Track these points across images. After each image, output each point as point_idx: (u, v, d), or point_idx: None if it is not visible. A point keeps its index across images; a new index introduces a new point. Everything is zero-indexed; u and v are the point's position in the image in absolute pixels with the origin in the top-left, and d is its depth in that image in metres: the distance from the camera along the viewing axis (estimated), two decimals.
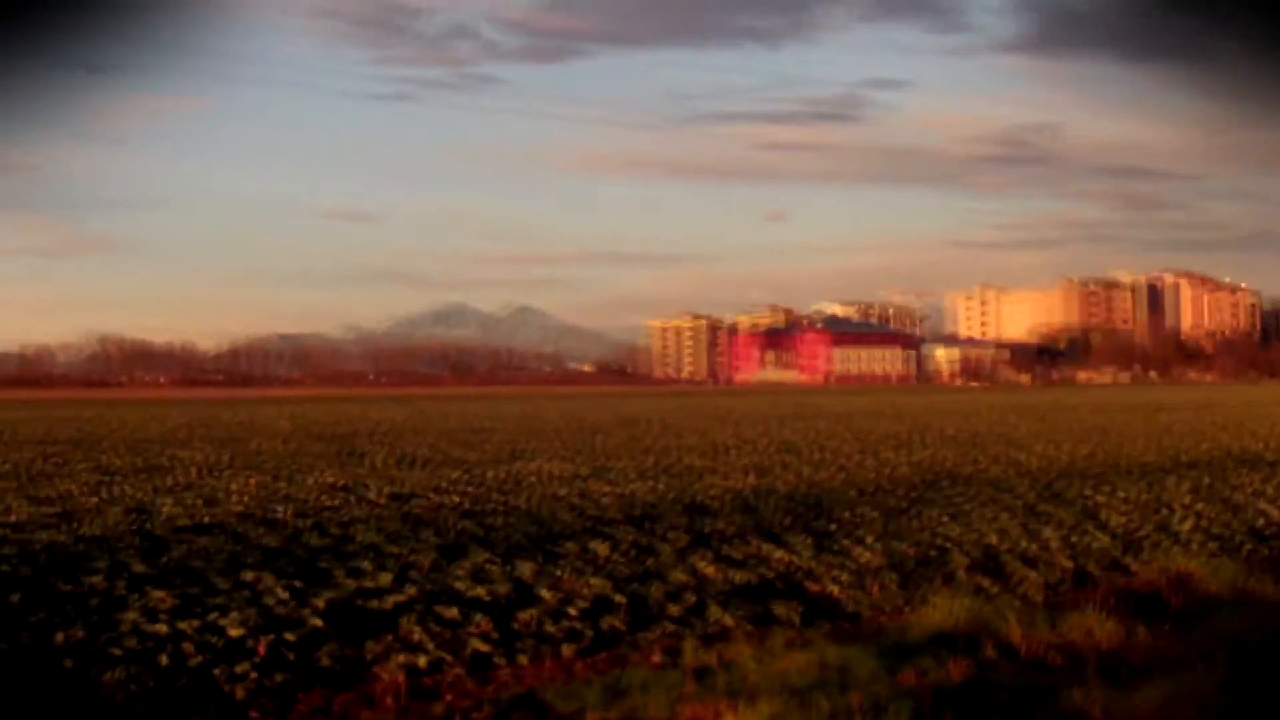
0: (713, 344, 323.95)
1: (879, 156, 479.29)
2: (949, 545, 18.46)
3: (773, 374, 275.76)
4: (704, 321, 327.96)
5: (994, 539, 19.03)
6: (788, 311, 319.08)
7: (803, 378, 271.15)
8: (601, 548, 17.95)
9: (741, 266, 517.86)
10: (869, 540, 18.77)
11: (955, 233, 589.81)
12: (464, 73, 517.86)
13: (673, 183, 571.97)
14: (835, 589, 15.19)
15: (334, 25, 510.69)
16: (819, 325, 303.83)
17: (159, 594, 14.20)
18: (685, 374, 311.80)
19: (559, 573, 15.88)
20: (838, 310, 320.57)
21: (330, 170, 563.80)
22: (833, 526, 20.63)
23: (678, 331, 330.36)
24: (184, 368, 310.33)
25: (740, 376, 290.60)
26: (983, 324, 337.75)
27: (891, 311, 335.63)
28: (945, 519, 21.27)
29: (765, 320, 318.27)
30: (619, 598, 14.39)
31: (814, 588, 15.41)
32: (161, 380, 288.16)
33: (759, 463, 35.33)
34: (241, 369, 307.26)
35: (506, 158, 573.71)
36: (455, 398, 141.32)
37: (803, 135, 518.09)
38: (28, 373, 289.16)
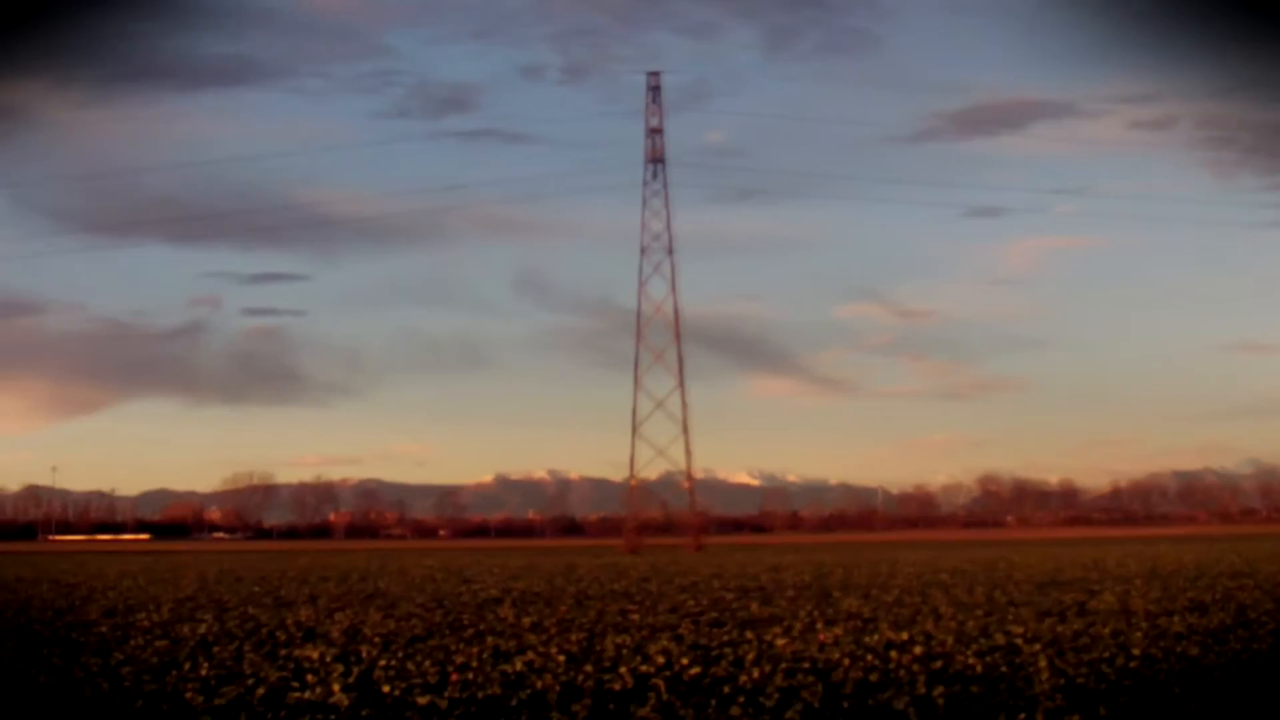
0: None
1: None
2: None
3: None
4: None
5: None
6: None
7: None
8: None
9: None
10: None
11: None
12: None
13: None
14: None
15: (1226, 155, 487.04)
16: None
17: None
18: None
19: None
20: None
21: (1225, 302, 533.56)
22: None
23: None
24: (1068, 507, 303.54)
25: None
26: None
27: None
28: None
29: None
30: None
31: None
32: (1046, 520, 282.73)
33: None
34: (1125, 507, 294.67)
35: None
36: None
37: None
38: (910, 513, 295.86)
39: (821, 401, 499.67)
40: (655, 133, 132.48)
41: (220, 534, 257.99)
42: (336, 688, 16.22)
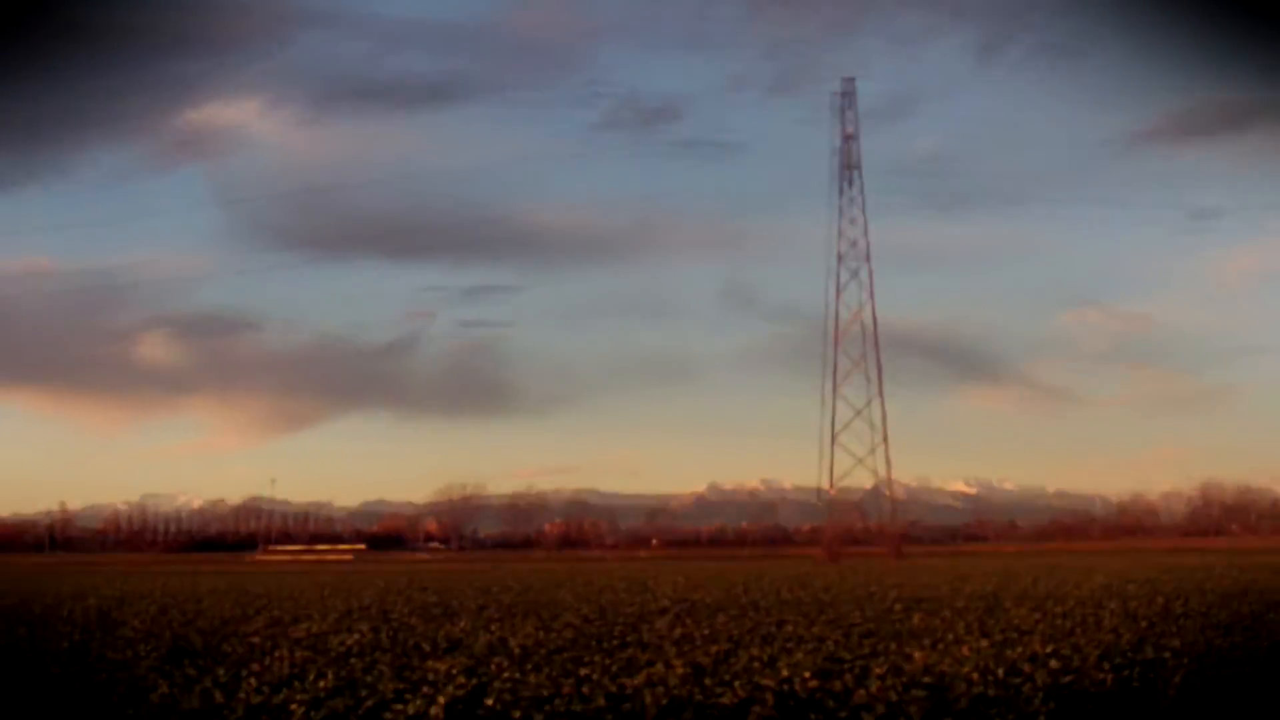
0: None
1: None
2: None
3: None
4: None
5: None
6: None
7: None
8: None
9: None
10: None
11: None
12: None
13: None
14: None
15: None
16: None
17: None
18: None
19: None
20: None
21: None
22: None
23: None
24: None
25: None
26: None
27: None
28: None
29: None
30: None
31: None
32: (1272, 527, 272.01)
33: None
34: None
35: None
36: None
37: None
38: (1129, 522, 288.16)
39: (1038, 410, 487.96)
40: (849, 139, 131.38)
41: (435, 545, 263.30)
42: (441, 700, 16.17)
